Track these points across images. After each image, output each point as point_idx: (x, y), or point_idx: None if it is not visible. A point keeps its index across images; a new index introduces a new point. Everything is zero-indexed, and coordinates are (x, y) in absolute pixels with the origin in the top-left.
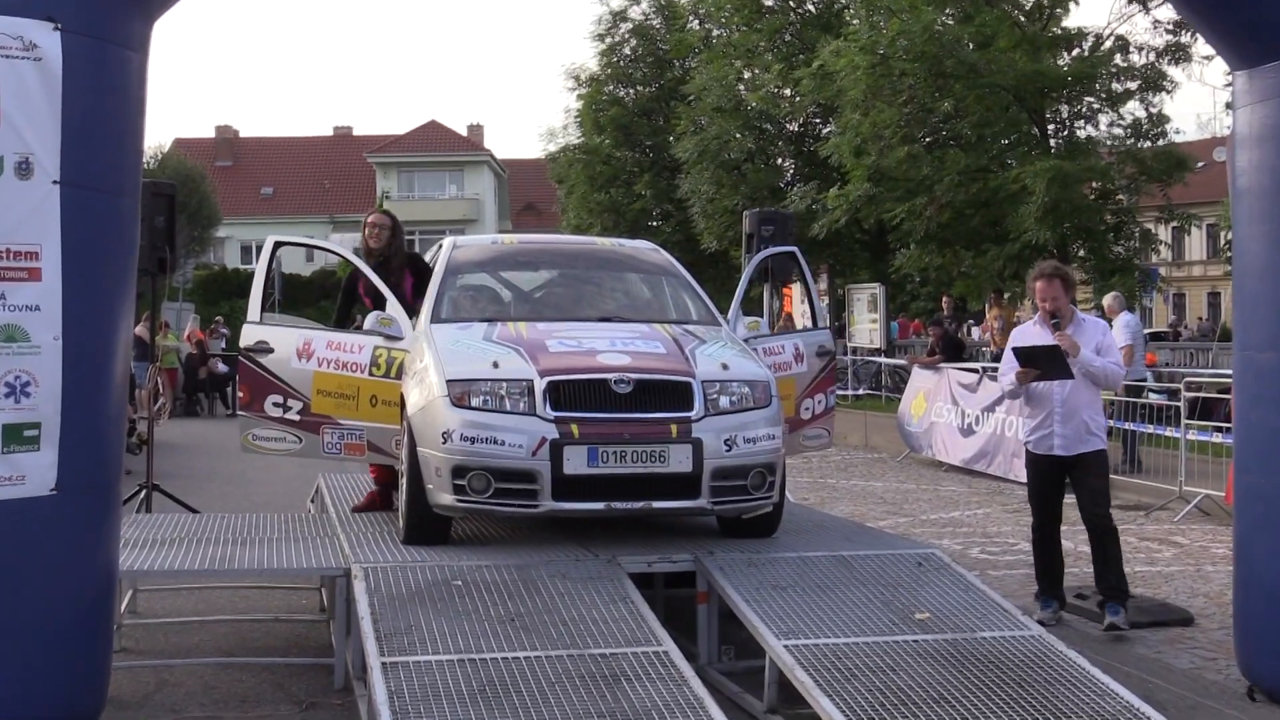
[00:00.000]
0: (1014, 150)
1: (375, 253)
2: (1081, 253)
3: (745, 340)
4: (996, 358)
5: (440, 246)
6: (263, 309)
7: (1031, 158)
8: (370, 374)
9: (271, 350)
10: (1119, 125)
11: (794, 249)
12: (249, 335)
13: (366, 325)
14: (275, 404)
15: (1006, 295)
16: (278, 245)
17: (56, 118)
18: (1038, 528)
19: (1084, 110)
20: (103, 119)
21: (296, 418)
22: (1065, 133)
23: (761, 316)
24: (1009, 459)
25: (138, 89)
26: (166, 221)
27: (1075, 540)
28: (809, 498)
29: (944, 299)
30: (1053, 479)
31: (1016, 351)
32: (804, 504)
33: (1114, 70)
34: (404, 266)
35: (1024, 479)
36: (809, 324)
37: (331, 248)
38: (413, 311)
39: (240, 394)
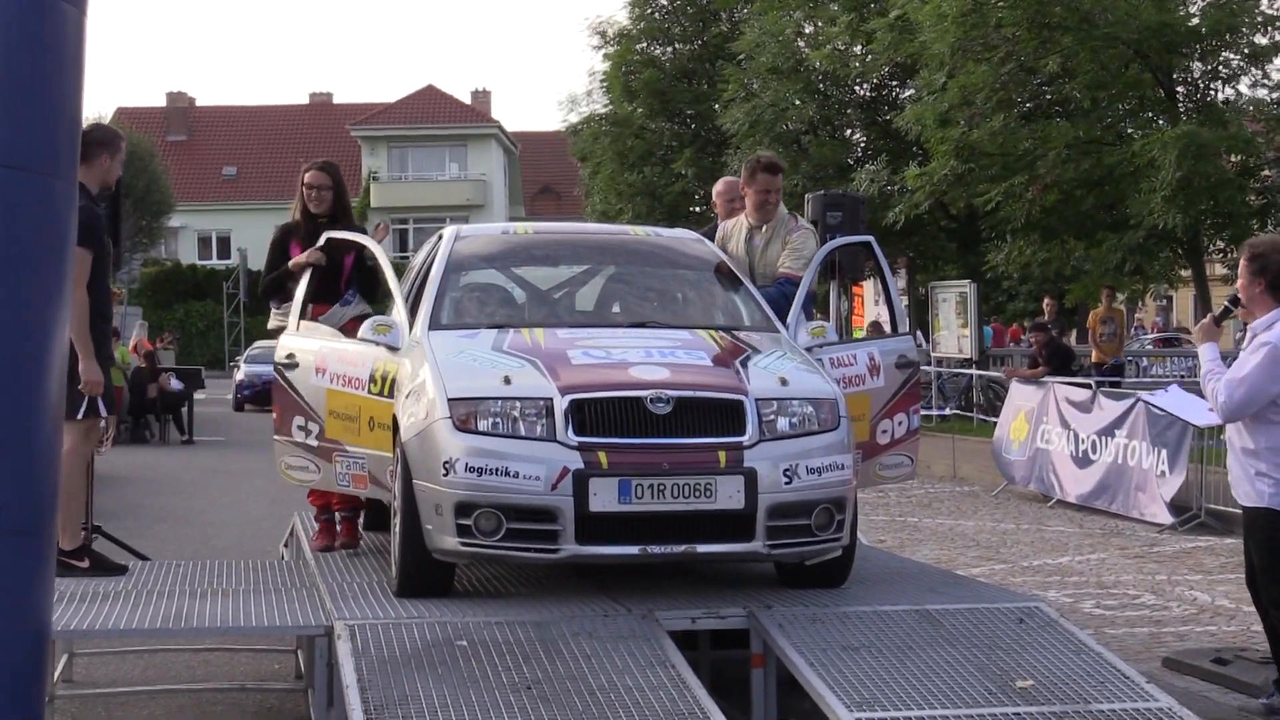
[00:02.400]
0: (1134, 117)
1: (315, 218)
2: (1220, 242)
3: (808, 349)
4: (1110, 371)
5: (439, 238)
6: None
7: (1156, 126)
8: (369, 392)
9: (297, 365)
10: (1264, 85)
11: (870, 238)
12: (283, 347)
13: (362, 333)
14: (299, 427)
15: (1123, 294)
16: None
17: None
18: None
19: (1221, 69)
20: (34, 85)
21: (315, 443)
22: (1198, 96)
23: (828, 320)
24: (1132, 493)
25: (75, 48)
26: (110, 208)
27: (1213, 594)
28: (885, 540)
29: (1045, 300)
30: (1246, 529)
31: None
32: (880, 547)
33: (1259, 19)
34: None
35: (1149, 517)
36: (888, 329)
37: (362, 240)
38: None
39: (274, 415)
